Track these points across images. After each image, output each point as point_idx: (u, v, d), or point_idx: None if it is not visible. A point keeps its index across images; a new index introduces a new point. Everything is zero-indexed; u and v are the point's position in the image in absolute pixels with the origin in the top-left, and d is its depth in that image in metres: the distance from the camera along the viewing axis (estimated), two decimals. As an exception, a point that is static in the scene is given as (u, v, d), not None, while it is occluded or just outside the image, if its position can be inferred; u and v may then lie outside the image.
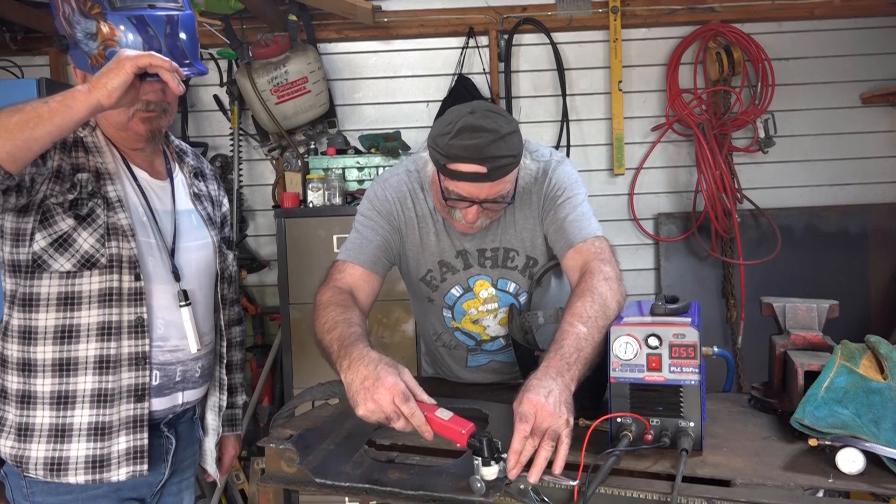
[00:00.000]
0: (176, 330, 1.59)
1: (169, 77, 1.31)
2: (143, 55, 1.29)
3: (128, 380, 1.51)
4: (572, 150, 3.58)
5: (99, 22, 1.41)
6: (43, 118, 1.24)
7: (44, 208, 1.43)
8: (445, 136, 1.50)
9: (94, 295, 1.47)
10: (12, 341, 1.49)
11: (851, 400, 1.23)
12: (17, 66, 3.53)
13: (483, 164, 1.48)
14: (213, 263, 1.72)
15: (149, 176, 1.62)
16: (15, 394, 1.49)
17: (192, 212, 1.70)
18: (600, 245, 1.59)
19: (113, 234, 1.48)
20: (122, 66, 1.27)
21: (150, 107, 1.51)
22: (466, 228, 1.65)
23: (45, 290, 1.46)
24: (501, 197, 1.56)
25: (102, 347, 1.48)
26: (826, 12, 3.52)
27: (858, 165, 3.64)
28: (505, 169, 1.51)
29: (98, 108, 1.27)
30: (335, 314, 1.47)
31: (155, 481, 1.62)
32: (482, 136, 1.47)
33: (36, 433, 1.47)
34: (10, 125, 1.22)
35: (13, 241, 1.46)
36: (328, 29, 3.57)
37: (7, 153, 1.22)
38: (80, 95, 1.26)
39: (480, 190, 1.52)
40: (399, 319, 3.09)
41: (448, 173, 1.52)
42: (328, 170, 3.20)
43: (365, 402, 1.22)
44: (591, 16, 3.54)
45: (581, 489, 1.12)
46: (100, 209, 1.47)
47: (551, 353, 1.33)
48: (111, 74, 1.27)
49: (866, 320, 3.52)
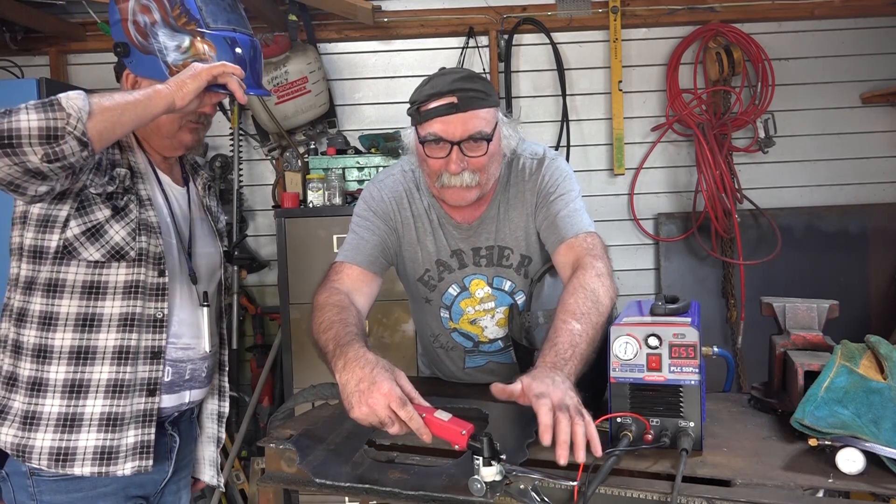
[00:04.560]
0: (188, 328, 1.63)
1: (236, 86, 1.43)
2: (218, 65, 1.42)
3: (143, 373, 1.53)
4: (572, 150, 3.58)
5: (195, 38, 1.50)
6: (130, 106, 1.34)
7: (82, 197, 1.47)
8: (419, 89, 1.58)
9: (119, 286, 1.50)
10: (31, 326, 1.49)
11: (851, 400, 1.23)
12: (17, 66, 3.53)
13: (452, 95, 1.53)
14: (219, 272, 1.78)
15: (171, 181, 1.67)
16: (26, 381, 1.49)
17: (204, 220, 1.76)
18: (592, 241, 1.59)
19: (143, 229, 1.52)
20: (199, 74, 1.40)
21: (199, 118, 1.60)
22: (458, 198, 1.62)
23: (71, 276, 1.48)
24: (479, 133, 1.55)
25: (123, 339, 1.50)
26: (826, 12, 3.52)
27: (858, 165, 3.64)
28: (475, 101, 1.54)
29: (172, 107, 1.38)
30: (331, 314, 1.47)
31: (159, 479, 1.63)
32: (451, 75, 1.57)
33: (43, 422, 1.47)
34: (104, 107, 1.31)
35: (39, 227, 1.47)
36: (328, 29, 3.57)
37: (98, 132, 1.31)
38: (161, 92, 1.37)
39: (455, 127, 1.54)
40: (399, 319, 3.09)
41: (422, 117, 1.56)
42: (328, 170, 3.20)
43: (359, 405, 1.21)
44: (591, 16, 3.54)
45: (581, 489, 1.11)
46: (133, 204, 1.52)
47: (546, 351, 1.33)
48: (189, 80, 1.39)
49: (866, 320, 3.52)
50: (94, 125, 1.29)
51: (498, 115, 1.61)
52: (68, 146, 1.27)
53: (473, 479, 1.13)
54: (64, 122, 1.25)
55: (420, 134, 1.58)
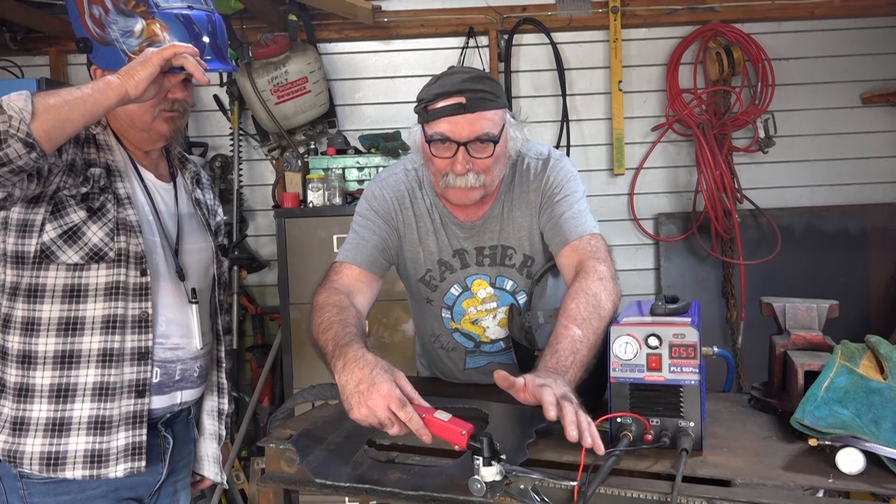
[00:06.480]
0: (177, 328, 1.60)
1: (193, 66, 1.36)
2: (167, 47, 1.35)
3: (129, 375, 1.51)
4: (572, 150, 3.58)
5: (146, 20, 1.46)
6: (78, 102, 1.29)
7: (56, 200, 1.45)
8: (427, 88, 1.57)
9: (100, 288, 1.48)
10: (14, 332, 1.49)
11: (851, 400, 1.23)
12: (17, 66, 3.53)
13: (461, 95, 1.52)
14: (211, 267, 1.75)
15: (154, 177, 1.64)
16: (12, 387, 1.48)
17: (193, 216, 1.73)
18: (596, 243, 1.58)
19: (122, 229, 1.50)
20: (150, 59, 1.34)
21: (174, 106, 1.55)
22: (461, 198, 1.61)
23: (51, 281, 1.47)
24: (486, 135, 1.54)
25: (106, 341, 1.49)
26: (826, 12, 3.52)
27: (858, 165, 3.64)
28: (484, 102, 1.53)
29: (126, 98, 1.33)
30: (331, 315, 1.46)
31: (153, 481, 1.62)
32: (461, 74, 1.55)
33: (31, 427, 1.47)
34: (49, 105, 1.27)
35: (19, 232, 1.46)
36: (328, 29, 3.57)
37: (45, 132, 1.26)
38: (111, 83, 1.32)
39: (462, 127, 1.53)
40: (399, 319, 3.09)
41: (430, 115, 1.55)
42: (328, 170, 3.20)
43: (359, 406, 1.21)
44: (591, 16, 3.54)
45: (581, 489, 1.11)
46: (110, 204, 1.50)
47: (547, 357, 1.33)
48: (139, 67, 1.33)
49: (866, 320, 3.52)
50: (39, 125, 1.24)
51: (506, 117, 1.60)
52: (12, 150, 1.22)
53: (473, 479, 1.13)
54: (5, 125, 1.21)
55: (426, 133, 1.57)
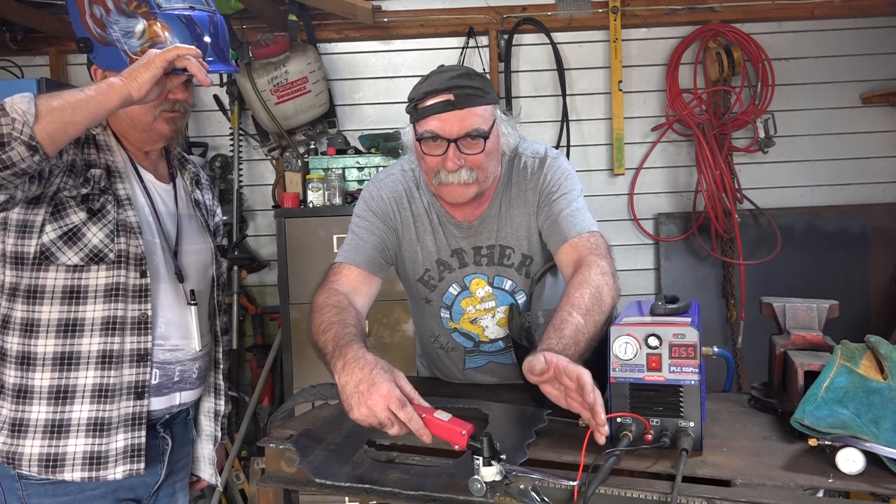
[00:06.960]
0: (176, 329, 1.60)
1: (196, 68, 1.36)
2: (171, 49, 1.35)
3: (129, 376, 1.51)
4: (572, 150, 3.58)
5: (147, 20, 1.46)
6: (81, 104, 1.29)
7: (56, 201, 1.45)
8: (416, 87, 1.58)
9: (100, 290, 1.48)
10: (13, 334, 1.49)
11: (851, 400, 1.23)
12: (17, 66, 3.53)
13: (449, 92, 1.52)
14: (210, 269, 1.75)
15: (154, 178, 1.64)
16: (11, 388, 1.48)
17: (192, 217, 1.73)
18: (596, 241, 1.58)
19: (122, 230, 1.50)
20: (153, 61, 1.33)
21: (175, 106, 1.55)
22: (456, 195, 1.61)
23: (50, 282, 1.46)
24: (475, 130, 1.54)
25: (106, 342, 1.48)
26: (826, 12, 3.52)
27: (858, 165, 3.64)
28: (472, 98, 1.53)
29: (129, 100, 1.33)
30: (330, 315, 1.46)
31: (151, 482, 1.62)
32: (449, 72, 1.56)
33: (31, 429, 1.47)
34: (52, 108, 1.26)
35: (19, 232, 1.46)
36: (328, 29, 3.57)
37: (48, 134, 1.25)
38: (114, 86, 1.31)
39: (451, 124, 1.53)
40: (399, 319, 3.09)
41: (419, 114, 1.56)
42: (328, 170, 3.20)
43: (359, 406, 1.21)
44: (591, 16, 3.54)
45: (581, 489, 1.11)
46: (110, 205, 1.50)
47: (552, 339, 1.32)
48: (142, 69, 1.33)
49: (866, 320, 3.52)
50: (42, 128, 1.24)
51: (496, 113, 1.61)
52: (16, 152, 1.22)
53: (473, 479, 1.13)
54: (9, 127, 1.20)
55: (417, 131, 1.58)
